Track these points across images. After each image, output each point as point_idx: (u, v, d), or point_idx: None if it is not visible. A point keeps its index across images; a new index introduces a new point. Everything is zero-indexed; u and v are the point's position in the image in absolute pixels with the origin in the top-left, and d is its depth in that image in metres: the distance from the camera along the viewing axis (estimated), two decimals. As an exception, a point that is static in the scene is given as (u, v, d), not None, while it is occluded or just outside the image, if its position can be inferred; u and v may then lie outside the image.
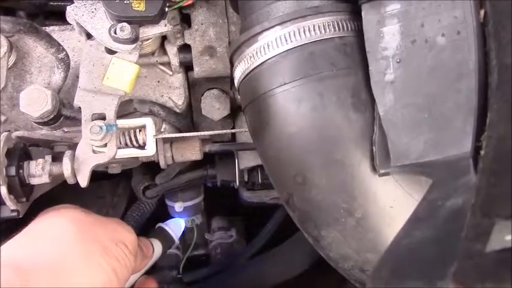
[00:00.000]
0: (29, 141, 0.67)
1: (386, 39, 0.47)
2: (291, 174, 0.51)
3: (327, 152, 0.50)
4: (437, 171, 0.43)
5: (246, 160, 0.81)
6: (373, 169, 0.49)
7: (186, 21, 0.73)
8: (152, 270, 0.71)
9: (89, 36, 0.64)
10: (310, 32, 0.50)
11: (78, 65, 0.66)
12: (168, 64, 0.73)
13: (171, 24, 0.66)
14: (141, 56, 0.65)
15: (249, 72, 0.54)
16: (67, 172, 0.59)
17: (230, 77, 0.74)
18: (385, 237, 0.49)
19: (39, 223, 0.56)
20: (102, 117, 0.61)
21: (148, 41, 0.67)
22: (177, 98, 0.74)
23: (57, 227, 0.55)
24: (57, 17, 0.77)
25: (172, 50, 0.71)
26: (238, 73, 0.56)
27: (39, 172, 0.60)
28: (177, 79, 0.74)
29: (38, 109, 0.61)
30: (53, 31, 0.71)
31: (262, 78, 0.52)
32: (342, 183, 0.50)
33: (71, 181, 0.60)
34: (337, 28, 0.51)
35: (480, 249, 0.24)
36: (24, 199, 0.60)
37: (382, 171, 0.48)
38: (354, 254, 0.51)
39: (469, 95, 0.43)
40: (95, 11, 0.62)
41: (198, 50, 0.72)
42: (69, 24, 0.65)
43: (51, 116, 0.63)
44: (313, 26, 0.50)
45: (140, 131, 0.66)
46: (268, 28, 0.52)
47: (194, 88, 0.79)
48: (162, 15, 0.60)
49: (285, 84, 0.50)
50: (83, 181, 0.59)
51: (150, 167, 0.87)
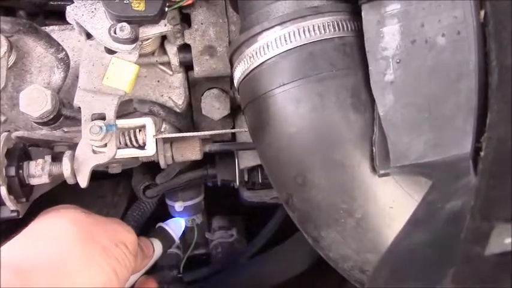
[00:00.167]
0: (28, 141, 0.67)
1: (386, 40, 0.47)
2: (291, 175, 0.51)
3: (327, 153, 0.49)
4: (437, 172, 0.42)
5: (246, 160, 0.81)
6: (373, 170, 0.48)
7: (186, 20, 0.73)
8: (153, 270, 0.71)
9: (88, 36, 0.64)
10: (309, 32, 0.50)
11: (78, 64, 0.66)
12: (168, 64, 0.73)
13: (171, 24, 0.66)
14: (141, 56, 0.65)
15: (249, 72, 0.53)
16: (67, 172, 0.59)
17: (230, 76, 0.74)
18: (385, 237, 0.49)
19: (39, 224, 0.56)
20: (102, 117, 0.61)
21: (148, 40, 0.67)
22: (177, 98, 0.74)
23: (57, 227, 0.54)
24: (57, 16, 0.77)
25: (172, 49, 0.71)
26: (238, 73, 0.56)
27: (39, 172, 0.59)
28: (177, 79, 0.74)
29: (37, 109, 0.61)
30: (52, 31, 0.71)
31: (261, 78, 0.52)
32: (341, 184, 0.49)
33: (71, 181, 0.60)
34: (336, 28, 0.50)
35: (479, 252, 0.24)
36: (24, 199, 0.60)
37: (382, 172, 0.48)
38: (354, 255, 0.51)
39: (469, 96, 0.43)
40: (95, 11, 0.62)
41: (198, 50, 0.72)
42: (69, 24, 0.65)
43: (51, 116, 0.63)
44: (313, 26, 0.50)
45: (140, 131, 0.66)
46: (267, 28, 0.51)
47: (194, 88, 0.79)
48: (161, 15, 0.60)
49: (284, 84, 0.50)
50: (83, 181, 0.59)
51: (150, 167, 0.87)
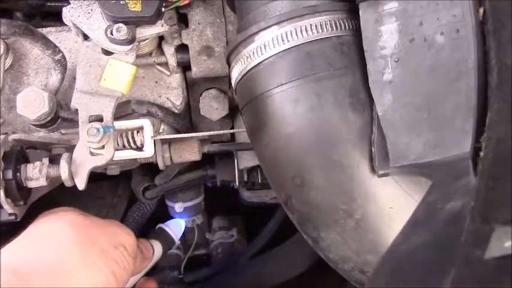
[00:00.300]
0: (26, 144, 0.67)
1: (384, 38, 0.47)
2: (289, 176, 0.51)
3: (325, 153, 0.49)
4: (437, 172, 0.42)
5: (246, 160, 0.81)
6: (372, 170, 0.48)
7: (183, 21, 0.72)
8: (153, 271, 0.71)
9: (85, 37, 0.63)
10: (307, 32, 0.50)
11: (75, 66, 0.66)
12: (165, 64, 0.73)
13: (168, 24, 0.66)
14: (138, 57, 0.64)
15: (246, 72, 0.53)
16: (64, 175, 0.58)
17: (228, 76, 0.74)
18: (385, 238, 0.49)
19: (38, 226, 0.56)
20: (100, 119, 0.61)
21: (145, 41, 0.66)
22: (175, 99, 0.73)
23: (56, 230, 0.54)
24: (54, 17, 0.77)
25: (169, 50, 0.71)
26: (235, 74, 0.56)
27: (37, 175, 0.59)
28: (175, 79, 0.74)
29: (35, 111, 0.60)
30: (49, 32, 0.71)
31: (259, 78, 0.52)
32: (340, 185, 0.49)
33: (69, 184, 0.59)
34: (334, 27, 0.50)
35: (479, 255, 0.24)
36: (21, 202, 0.60)
37: (381, 172, 0.47)
38: (354, 255, 0.51)
39: (469, 95, 0.42)
40: (91, 12, 0.61)
41: (195, 50, 0.71)
42: (66, 25, 0.64)
43: (48, 118, 0.62)
44: (310, 25, 0.50)
45: (138, 132, 0.65)
46: (264, 28, 0.51)
47: (192, 88, 0.79)
48: (158, 16, 0.60)
49: (282, 84, 0.50)
50: (81, 184, 0.59)
51: (149, 168, 0.87)
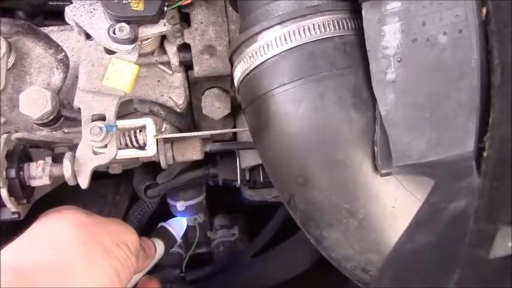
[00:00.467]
0: (29, 143, 0.67)
1: (387, 38, 0.47)
2: (292, 175, 0.51)
3: (328, 153, 0.49)
4: (440, 172, 0.42)
5: (248, 159, 0.81)
6: (375, 169, 0.48)
7: (185, 20, 0.72)
8: (155, 269, 0.71)
9: (88, 36, 0.63)
10: (310, 31, 0.50)
11: (77, 65, 0.66)
12: (167, 63, 0.73)
13: (170, 23, 0.66)
14: (140, 56, 0.64)
15: (249, 72, 0.53)
16: (67, 174, 0.58)
17: (230, 75, 0.74)
18: (387, 237, 0.49)
19: (41, 225, 0.56)
20: (102, 118, 0.61)
21: (148, 40, 0.66)
22: (177, 98, 0.73)
23: (59, 229, 0.54)
24: (57, 16, 0.77)
25: (171, 49, 0.71)
26: (238, 73, 0.56)
27: (40, 174, 0.59)
28: (177, 78, 0.74)
29: (37, 110, 0.60)
30: (51, 31, 0.71)
31: (261, 78, 0.52)
32: (343, 184, 0.49)
33: (72, 183, 0.59)
34: (337, 27, 0.50)
35: (483, 255, 0.24)
36: (24, 201, 0.60)
37: (383, 172, 0.47)
38: (356, 255, 0.51)
39: (471, 94, 0.42)
40: (94, 11, 0.61)
41: (197, 49, 0.71)
42: (68, 24, 0.64)
43: (51, 117, 0.63)
44: (313, 25, 0.50)
45: (140, 131, 0.66)
46: (267, 27, 0.51)
47: (194, 87, 0.79)
48: (161, 15, 0.60)
49: (284, 84, 0.50)
50: (84, 182, 0.59)
51: (151, 167, 0.87)
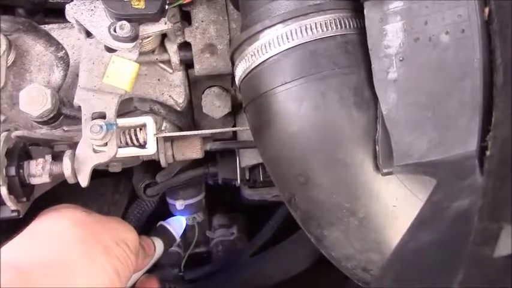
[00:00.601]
0: (29, 141, 0.67)
1: (389, 37, 0.47)
2: (293, 174, 0.51)
3: (329, 152, 0.49)
4: (442, 171, 0.42)
5: (248, 158, 0.81)
6: (376, 168, 0.48)
7: (186, 18, 0.72)
8: (154, 268, 0.71)
9: (88, 34, 0.63)
10: (311, 30, 0.50)
11: (77, 63, 0.66)
12: (168, 62, 0.72)
13: (171, 22, 0.66)
14: (141, 54, 0.64)
15: (250, 70, 0.53)
16: (67, 172, 0.58)
17: (231, 74, 0.74)
18: (388, 237, 0.49)
19: (40, 223, 0.55)
20: (102, 116, 0.61)
21: (148, 39, 0.66)
22: (177, 96, 0.73)
23: (58, 227, 0.54)
24: (57, 14, 0.77)
25: (172, 47, 0.71)
26: (240, 72, 0.56)
27: (40, 172, 0.59)
28: (178, 77, 0.74)
29: (37, 108, 0.60)
30: (52, 29, 0.71)
31: (263, 77, 0.52)
32: (344, 183, 0.49)
33: (72, 181, 0.59)
34: (339, 26, 0.50)
35: (488, 254, 0.24)
36: (24, 199, 0.60)
37: (385, 171, 0.47)
38: (357, 254, 0.51)
39: (474, 94, 0.42)
40: (94, 9, 0.61)
41: (198, 48, 0.71)
42: (69, 22, 0.64)
43: (51, 115, 0.62)
44: (315, 24, 0.50)
45: (141, 129, 0.65)
46: (269, 26, 0.51)
47: (195, 86, 0.79)
48: (162, 13, 0.60)
49: (286, 83, 0.50)
50: (84, 181, 0.59)
51: (151, 165, 0.86)
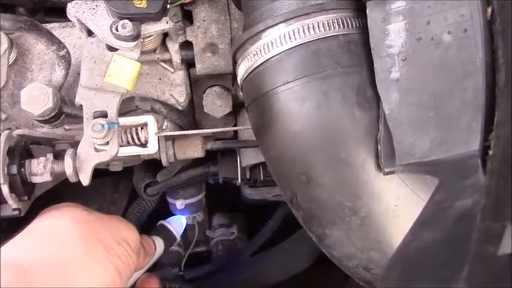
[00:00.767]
0: (30, 139, 0.67)
1: (392, 37, 0.47)
2: (295, 173, 0.51)
3: (331, 151, 0.49)
4: (444, 170, 0.42)
5: (248, 158, 0.81)
6: (378, 168, 0.48)
7: (187, 18, 0.72)
8: (154, 267, 0.71)
9: (90, 33, 0.63)
10: (314, 30, 0.50)
11: (79, 62, 0.66)
12: (169, 61, 0.73)
13: (173, 21, 0.66)
14: (142, 53, 0.64)
15: (253, 70, 0.53)
16: (69, 171, 0.58)
17: (232, 74, 0.74)
18: (389, 236, 0.49)
19: (41, 222, 0.55)
20: (104, 115, 0.61)
21: (150, 38, 0.66)
22: (178, 95, 0.73)
23: (59, 226, 0.54)
24: (57, 13, 0.77)
25: (173, 47, 0.71)
26: (242, 71, 0.56)
27: (41, 170, 0.59)
28: (179, 76, 0.74)
29: (39, 107, 0.60)
30: (53, 28, 0.71)
31: (265, 76, 0.52)
32: (346, 182, 0.49)
33: (73, 179, 0.59)
34: (341, 25, 0.50)
35: (492, 252, 0.24)
36: (25, 198, 0.60)
37: (387, 170, 0.47)
38: (358, 253, 0.51)
39: (476, 93, 0.42)
40: (96, 8, 0.61)
41: (200, 47, 0.71)
42: (70, 21, 0.64)
43: (53, 114, 0.62)
44: (317, 23, 0.50)
45: (142, 128, 0.65)
46: (272, 25, 0.51)
47: (196, 85, 0.79)
48: (163, 12, 0.60)
49: (288, 82, 0.50)
50: (85, 179, 0.59)
51: (151, 164, 0.87)
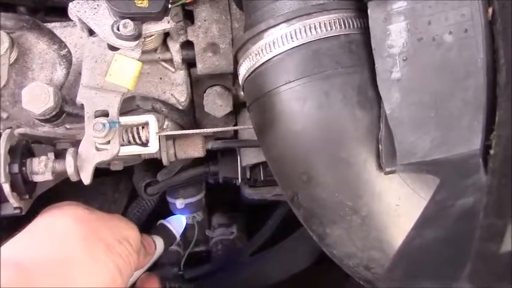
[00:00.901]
0: (31, 138, 0.67)
1: (393, 37, 0.47)
2: (297, 173, 0.51)
3: (332, 151, 0.49)
4: (445, 170, 0.42)
5: (249, 157, 0.81)
6: (379, 167, 0.48)
7: (189, 17, 0.72)
8: (153, 267, 0.71)
9: (91, 32, 0.63)
10: (315, 30, 0.50)
11: (80, 61, 0.66)
12: (170, 61, 0.73)
13: (174, 20, 0.66)
14: (143, 53, 0.65)
15: (254, 69, 0.53)
16: (70, 170, 0.58)
17: (233, 73, 0.74)
18: (390, 235, 0.49)
19: (42, 221, 0.56)
20: (105, 114, 0.61)
21: (151, 37, 0.67)
22: (179, 95, 0.73)
23: (60, 224, 0.54)
24: (58, 13, 0.77)
25: (174, 46, 0.71)
26: (243, 70, 0.56)
27: (42, 169, 0.59)
28: (180, 76, 0.74)
29: (40, 106, 0.60)
30: (54, 27, 0.71)
31: (267, 76, 0.52)
32: (347, 182, 0.49)
33: (74, 178, 0.59)
34: (342, 25, 0.50)
35: (494, 250, 0.24)
36: (27, 196, 0.60)
37: (388, 170, 0.48)
38: (359, 252, 0.51)
39: (477, 93, 0.43)
40: (97, 7, 0.61)
41: (201, 47, 0.72)
42: (71, 20, 0.64)
43: (54, 113, 0.63)
44: (319, 23, 0.50)
45: (143, 128, 0.66)
46: (273, 25, 0.51)
47: (196, 85, 0.79)
48: (165, 12, 0.60)
49: (290, 82, 0.50)
50: (86, 178, 0.59)
51: (151, 164, 0.87)
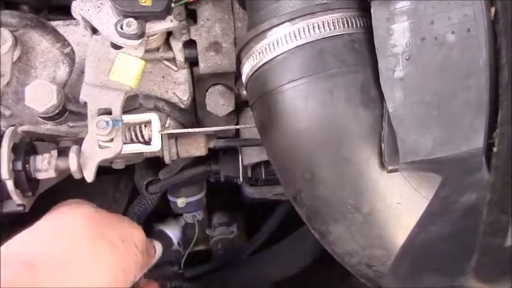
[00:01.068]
0: (34, 136, 0.67)
1: (396, 36, 0.48)
2: (299, 171, 0.51)
3: (335, 149, 0.50)
4: (447, 168, 0.43)
5: (250, 156, 0.81)
6: (382, 165, 0.49)
7: (191, 16, 0.73)
8: (153, 267, 0.71)
9: (94, 31, 0.64)
10: (319, 29, 0.50)
11: (82, 60, 0.66)
12: (173, 60, 0.73)
13: (177, 19, 0.66)
14: (146, 52, 0.65)
15: (258, 68, 0.54)
16: (73, 167, 0.59)
17: (235, 73, 0.74)
18: (392, 233, 0.49)
19: (51, 218, 0.56)
20: (108, 112, 0.61)
21: (154, 36, 0.67)
22: (181, 94, 0.74)
23: (69, 222, 0.55)
24: (61, 11, 0.77)
25: (177, 45, 0.71)
26: (247, 69, 0.56)
27: (46, 167, 0.59)
28: (182, 75, 0.74)
29: (43, 104, 0.61)
30: (57, 26, 0.71)
31: (270, 74, 0.52)
32: (349, 180, 0.50)
33: (77, 176, 0.60)
34: (346, 25, 0.51)
35: (499, 244, 0.25)
36: (30, 193, 0.60)
37: (390, 168, 0.48)
38: (360, 250, 0.52)
39: (479, 93, 0.43)
40: (101, 6, 0.62)
41: (203, 46, 0.72)
42: (74, 19, 0.65)
43: (57, 111, 0.63)
44: (322, 22, 0.50)
45: (146, 126, 0.66)
46: (277, 24, 0.51)
47: (199, 84, 0.79)
48: (168, 11, 0.60)
49: (293, 80, 0.50)
50: (89, 176, 0.59)
51: (152, 162, 0.87)
